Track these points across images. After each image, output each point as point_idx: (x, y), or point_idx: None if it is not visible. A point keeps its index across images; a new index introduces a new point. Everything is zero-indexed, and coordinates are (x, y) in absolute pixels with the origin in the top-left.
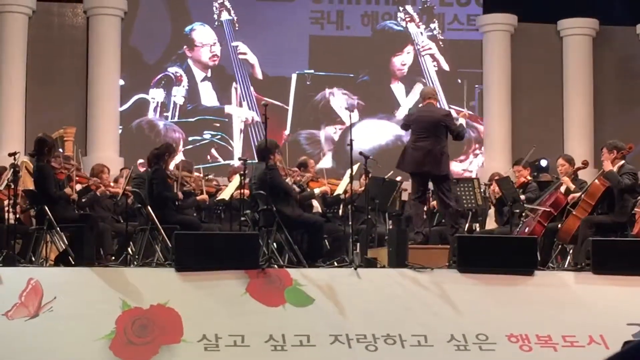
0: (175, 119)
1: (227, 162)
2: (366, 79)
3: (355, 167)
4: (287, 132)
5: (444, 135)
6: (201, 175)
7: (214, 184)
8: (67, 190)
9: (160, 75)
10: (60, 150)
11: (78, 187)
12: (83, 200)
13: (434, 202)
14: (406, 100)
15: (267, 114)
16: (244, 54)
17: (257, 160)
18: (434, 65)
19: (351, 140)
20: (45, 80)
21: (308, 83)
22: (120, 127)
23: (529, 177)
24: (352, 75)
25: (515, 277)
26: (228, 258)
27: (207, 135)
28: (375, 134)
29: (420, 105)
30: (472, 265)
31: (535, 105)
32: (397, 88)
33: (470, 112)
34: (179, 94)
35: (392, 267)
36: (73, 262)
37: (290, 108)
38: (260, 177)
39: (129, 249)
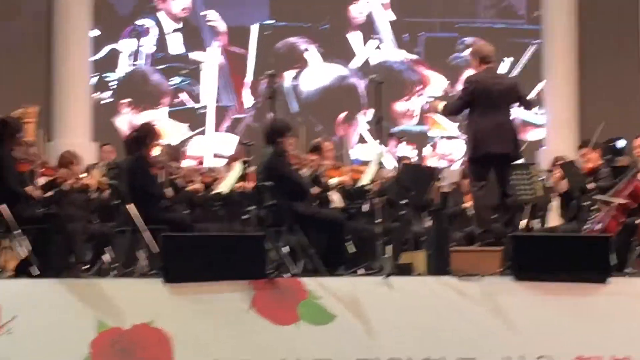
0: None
1: (193, 105)
2: (326, 27)
3: (383, 151)
4: (247, 79)
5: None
6: (194, 166)
7: (209, 174)
8: (29, 188)
9: (131, 27)
10: None
11: (42, 180)
12: (48, 196)
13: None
14: (361, 50)
15: (230, 60)
16: (210, 9)
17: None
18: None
19: (380, 117)
20: None
21: (266, 33)
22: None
23: (600, 162)
24: (311, 24)
25: (585, 286)
26: (228, 266)
27: (176, 79)
28: (324, 77)
29: (481, 69)
30: (531, 272)
31: (607, 72)
32: (354, 37)
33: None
34: (149, 44)
35: (431, 275)
36: (37, 273)
37: (252, 56)
38: (267, 165)
39: (106, 256)
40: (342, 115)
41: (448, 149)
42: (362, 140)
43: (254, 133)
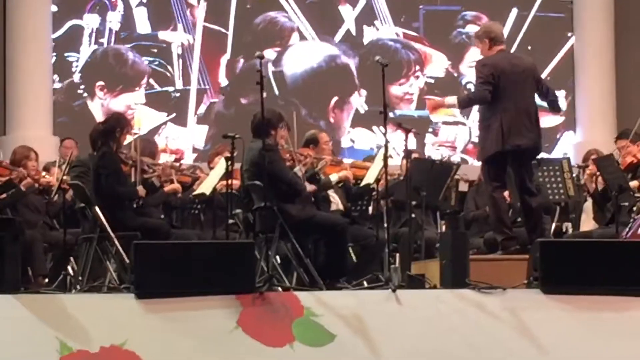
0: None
1: (165, 88)
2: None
3: (389, 144)
4: (227, 56)
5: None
6: (170, 161)
7: (189, 172)
8: None
9: (94, 0)
10: None
11: None
12: (2, 198)
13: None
14: (349, 22)
15: (205, 38)
16: None
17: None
18: None
19: (385, 106)
20: None
21: (248, 7)
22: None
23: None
24: None
25: (624, 300)
26: (211, 278)
27: (144, 60)
28: (309, 56)
29: (493, 51)
30: (561, 284)
31: None
32: (345, 10)
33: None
34: (114, 20)
35: (446, 288)
36: None
37: (230, 33)
38: (255, 162)
39: (69, 268)
40: (334, 100)
41: (451, 135)
42: (356, 124)
43: (226, 121)
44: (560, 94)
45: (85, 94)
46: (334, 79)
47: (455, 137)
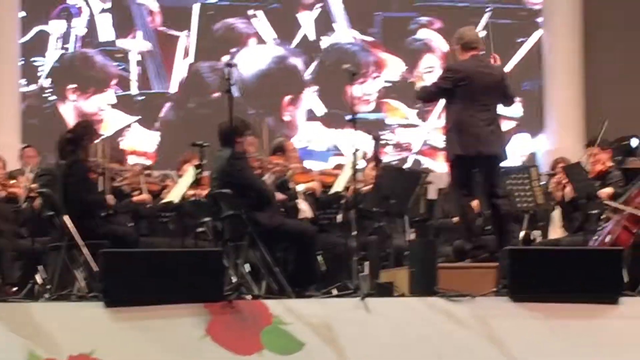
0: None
1: (126, 92)
2: (275, 6)
3: (359, 153)
4: (189, 60)
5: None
6: (139, 167)
7: (158, 180)
8: None
9: (61, 6)
10: None
11: None
12: None
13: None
14: (307, 28)
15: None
16: None
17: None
18: None
19: (354, 115)
20: None
21: (211, 13)
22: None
23: (609, 163)
24: (260, 3)
25: (593, 307)
26: (179, 287)
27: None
28: (260, 59)
29: (465, 57)
30: (530, 291)
31: (618, 59)
32: (303, 16)
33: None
34: (80, 25)
35: (415, 296)
36: None
37: (192, 39)
38: (223, 170)
39: (38, 276)
40: (286, 99)
41: (406, 138)
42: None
43: (175, 128)
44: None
45: (55, 97)
46: (283, 79)
47: (410, 139)
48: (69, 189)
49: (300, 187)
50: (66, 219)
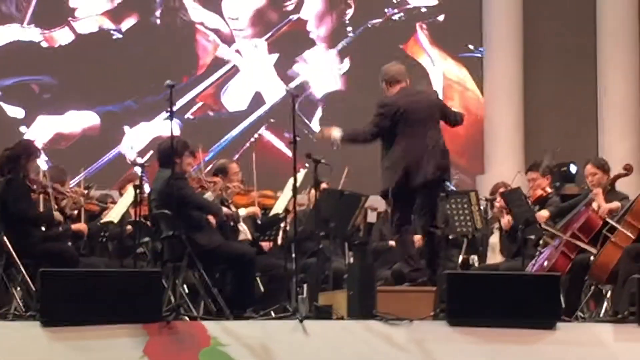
0: None
1: None
2: None
3: (300, 176)
4: None
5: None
6: (80, 188)
7: (97, 201)
8: None
9: None
10: None
11: None
12: None
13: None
14: None
15: None
16: None
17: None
18: None
19: (295, 137)
20: None
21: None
22: None
23: (548, 189)
24: None
25: (530, 332)
26: (118, 307)
27: None
28: None
29: (393, 91)
30: (467, 316)
31: (558, 82)
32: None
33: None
34: None
35: (353, 319)
36: None
37: None
38: (162, 191)
39: None
40: None
41: None
42: None
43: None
44: None
45: None
46: None
47: None
48: (8, 206)
49: (242, 212)
50: (2, 237)
